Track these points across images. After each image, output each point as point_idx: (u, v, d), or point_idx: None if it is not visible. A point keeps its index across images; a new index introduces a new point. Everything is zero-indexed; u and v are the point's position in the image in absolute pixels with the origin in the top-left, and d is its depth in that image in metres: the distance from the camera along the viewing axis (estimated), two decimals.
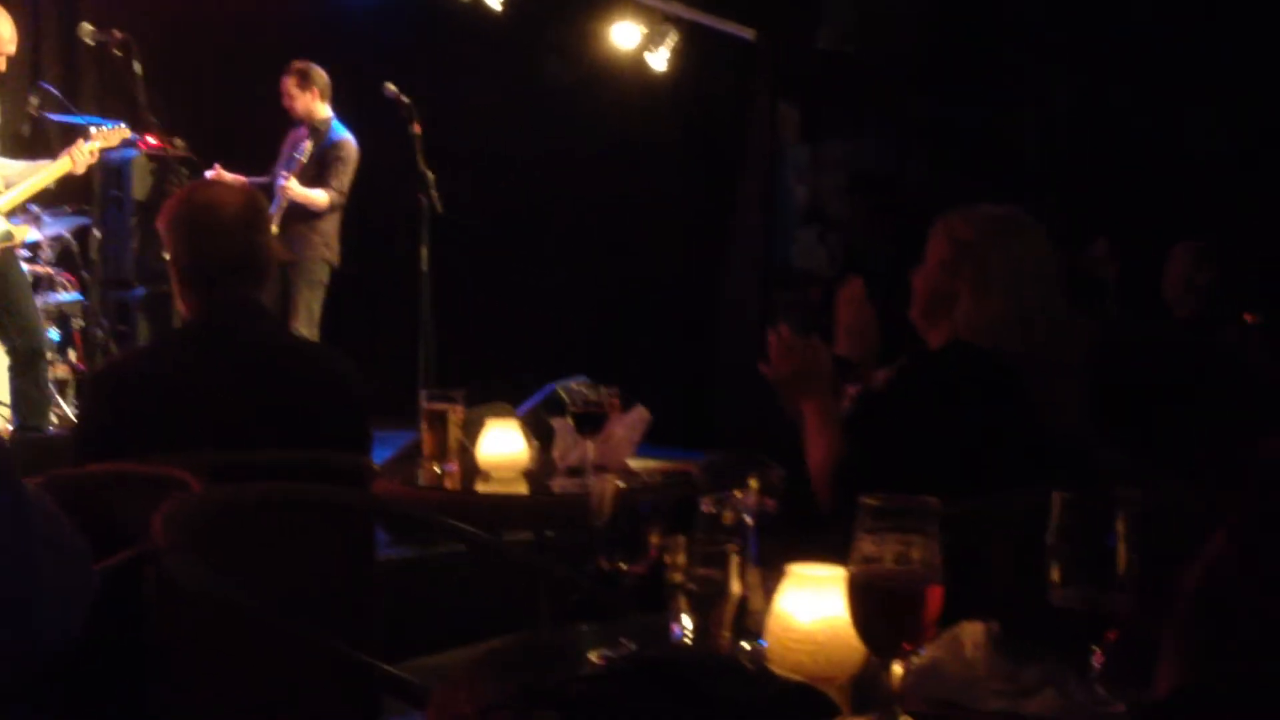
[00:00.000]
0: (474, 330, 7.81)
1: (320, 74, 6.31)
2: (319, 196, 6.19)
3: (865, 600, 1.26)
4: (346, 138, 6.29)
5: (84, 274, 6.30)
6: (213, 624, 1.70)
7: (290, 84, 6.26)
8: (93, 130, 5.49)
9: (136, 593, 1.68)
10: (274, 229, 6.07)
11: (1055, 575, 1.31)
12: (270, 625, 1.49)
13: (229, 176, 5.96)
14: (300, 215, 6.20)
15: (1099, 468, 2.46)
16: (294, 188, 6.12)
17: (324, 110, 6.33)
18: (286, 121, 6.65)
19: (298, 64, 6.29)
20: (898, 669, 1.25)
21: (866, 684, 1.33)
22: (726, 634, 1.45)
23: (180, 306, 2.76)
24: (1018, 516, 1.95)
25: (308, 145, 6.18)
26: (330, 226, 6.30)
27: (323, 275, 6.27)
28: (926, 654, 1.32)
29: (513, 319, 8.12)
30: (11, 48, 5.07)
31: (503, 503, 2.95)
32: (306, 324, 6.16)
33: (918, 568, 1.25)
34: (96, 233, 6.05)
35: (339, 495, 2.18)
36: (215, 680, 1.81)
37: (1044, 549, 1.33)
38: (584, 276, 7.90)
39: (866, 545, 1.27)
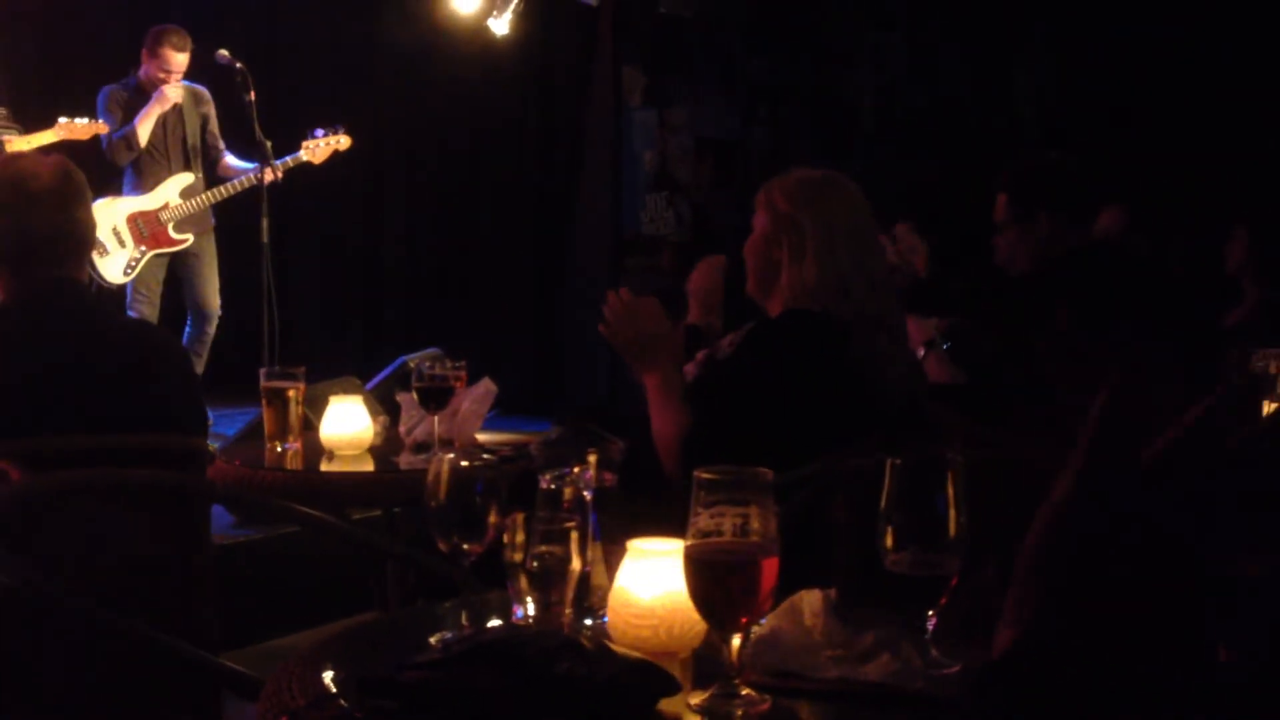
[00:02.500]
0: (320, 304, 7.66)
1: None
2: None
3: (701, 576, 1.26)
4: (203, 88, 6.11)
5: None
6: (36, 621, 1.62)
7: (178, 43, 5.94)
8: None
9: None
10: (206, 199, 5.92)
11: (889, 540, 1.33)
12: (91, 618, 1.43)
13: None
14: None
15: (932, 425, 2.52)
16: (230, 162, 5.98)
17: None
18: (105, 84, 6.30)
19: (171, 25, 6.02)
20: (736, 641, 1.25)
21: (708, 657, 1.34)
22: (569, 611, 1.44)
23: None
24: (853, 480, 1.99)
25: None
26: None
27: (213, 245, 6.11)
28: (766, 624, 1.33)
29: (360, 292, 7.98)
30: None
31: (347, 481, 2.89)
32: (217, 300, 6.01)
33: (754, 539, 1.25)
34: None
35: (168, 480, 2.10)
36: (42, 678, 1.74)
37: (876, 511, 1.35)
38: (431, 247, 7.80)
39: (703, 519, 1.27)
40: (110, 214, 5.97)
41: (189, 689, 1.89)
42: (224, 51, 6.07)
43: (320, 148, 6.01)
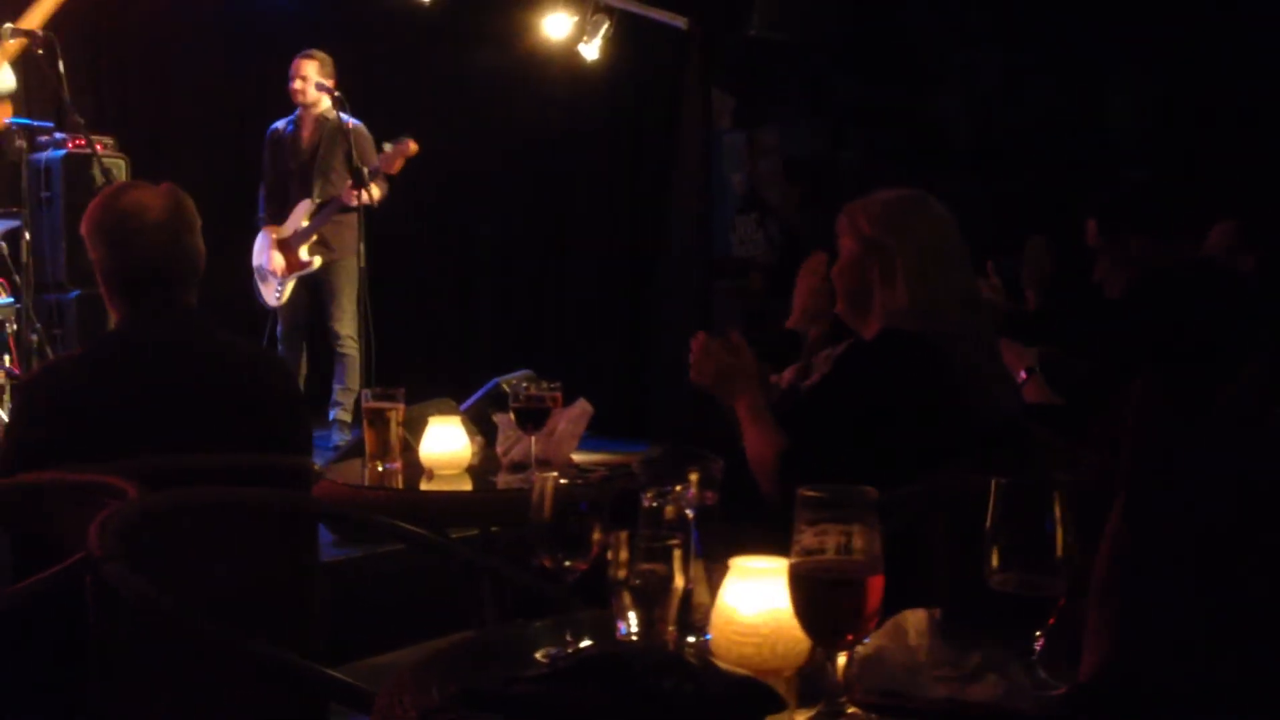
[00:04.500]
0: (415, 327, 7.77)
1: (333, 63, 6.23)
2: (376, 194, 6.16)
3: (807, 592, 1.27)
4: (359, 122, 6.23)
5: (15, 277, 6.18)
6: (154, 633, 1.67)
7: (310, 68, 6.13)
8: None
9: (76, 603, 1.66)
10: (312, 236, 6.08)
11: (994, 560, 1.33)
12: (210, 633, 1.47)
13: None
14: (333, 215, 6.18)
15: (1033, 444, 2.50)
16: (376, 192, 6.09)
17: (328, 101, 6.22)
18: (215, 116, 6.53)
19: (315, 50, 6.20)
20: (842, 659, 1.26)
21: (812, 675, 1.34)
22: (671, 629, 1.45)
23: (110, 312, 2.71)
24: (956, 500, 1.98)
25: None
26: (358, 221, 6.27)
27: (356, 271, 6.24)
28: (871, 643, 1.33)
29: (453, 314, 8.09)
30: None
31: (447, 500, 2.93)
32: (351, 322, 6.15)
33: (859, 558, 1.25)
34: (27, 235, 5.94)
35: (279, 498, 2.16)
36: (159, 691, 1.79)
37: (981, 531, 1.34)
38: (523, 271, 7.88)
39: (807, 537, 1.28)
40: (265, 241, 6.21)
41: (299, 702, 1.94)
42: (325, 81, 6.23)
43: (392, 158, 6.12)
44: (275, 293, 6.26)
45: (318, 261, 6.19)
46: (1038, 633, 1.32)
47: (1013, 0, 6.44)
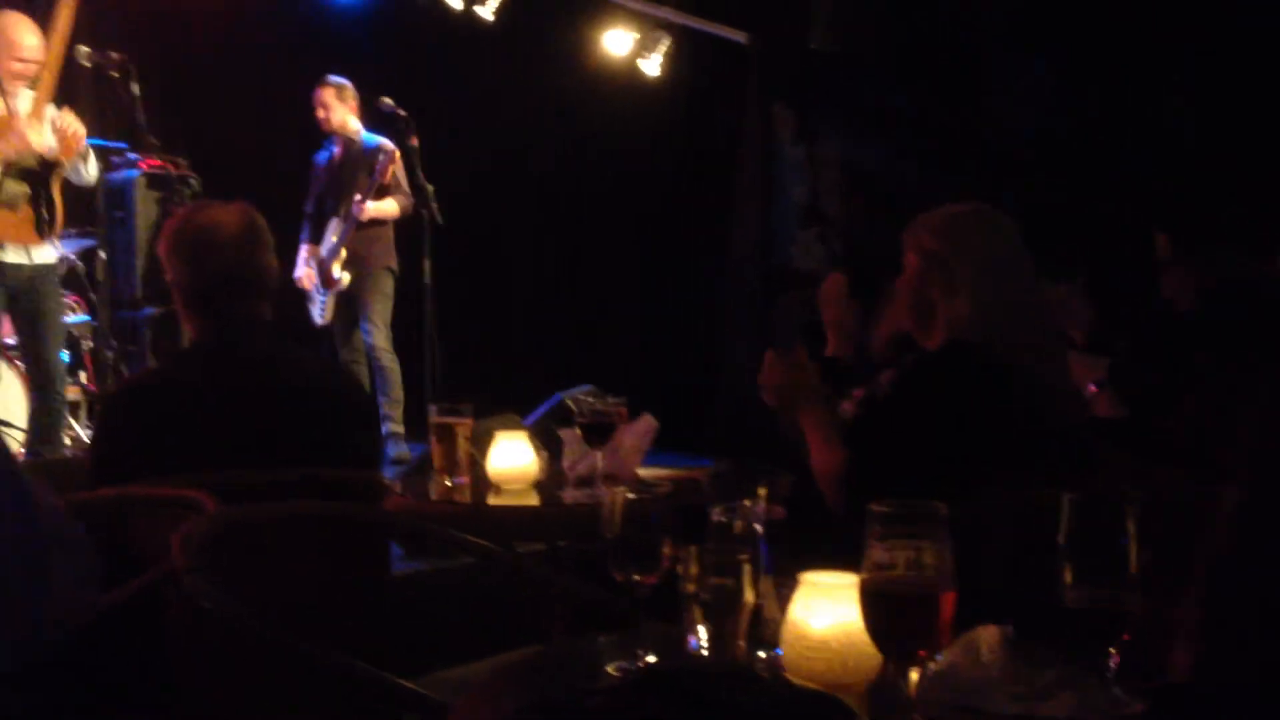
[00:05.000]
0: (478, 341, 7.83)
1: (352, 87, 6.40)
2: (389, 208, 6.33)
3: (879, 607, 1.27)
4: (384, 141, 6.36)
5: (91, 295, 6.32)
6: (232, 644, 1.71)
7: (328, 95, 6.33)
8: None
9: (157, 614, 1.70)
10: (342, 252, 6.21)
11: (1068, 576, 1.32)
12: (288, 645, 1.50)
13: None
14: (364, 229, 6.29)
15: (1100, 457, 2.49)
16: (370, 207, 6.24)
17: (355, 123, 6.39)
18: (280, 134, 6.66)
19: (331, 77, 6.36)
20: (914, 675, 1.26)
21: (884, 691, 1.35)
22: (742, 643, 1.46)
23: (186, 328, 2.78)
24: (1025, 514, 1.97)
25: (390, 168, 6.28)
26: (390, 235, 6.40)
27: (389, 285, 6.37)
28: (943, 659, 1.33)
29: (515, 329, 8.14)
30: (33, 54, 5.08)
31: (514, 515, 2.96)
32: (384, 336, 6.27)
33: (930, 573, 1.26)
34: (102, 254, 6.07)
35: (352, 511, 2.19)
36: (238, 701, 1.83)
37: (1054, 547, 1.34)
38: (584, 285, 7.92)
39: (877, 552, 1.28)
40: (302, 260, 6.36)
41: (374, 714, 1.97)
42: (387, 100, 6.34)
43: (383, 167, 6.25)
44: (319, 311, 6.37)
45: (346, 278, 6.30)
46: (1112, 649, 1.32)
47: (1076, 9, 6.38)
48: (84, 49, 5.53)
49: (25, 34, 5.08)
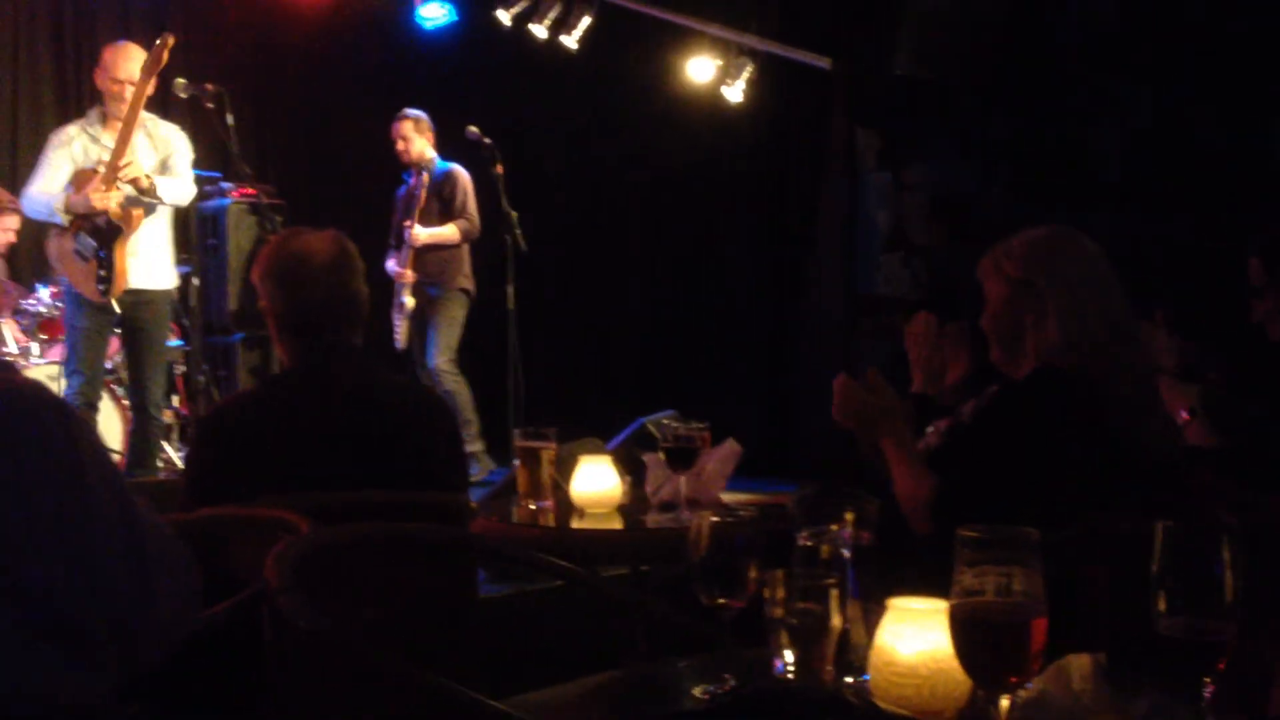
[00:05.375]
0: (561, 367, 7.88)
1: (428, 119, 6.53)
2: (448, 232, 6.46)
3: (970, 634, 1.26)
4: (454, 167, 6.49)
5: (184, 321, 6.47)
6: (326, 663, 1.74)
7: (406, 128, 6.48)
8: None
9: (253, 632, 1.73)
10: (408, 274, 6.31)
11: (1161, 604, 1.30)
12: (383, 664, 1.53)
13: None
14: (432, 253, 6.38)
15: (1192, 482, 2.44)
16: (419, 232, 6.35)
17: (431, 152, 6.52)
18: (369, 162, 6.80)
19: (409, 110, 6.49)
20: (1005, 703, 1.25)
21: (974, 718, 1.34)
22: (829, 668, 1.46)
23: (279, 352, 2.84)
24: (1116, 542, 1.94)
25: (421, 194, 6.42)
26: (463, 257, 6.50)
27: (459, 308, 6.46)
28: (1034, 687, 1.32)
29: (597, 353, 8.18)
30: (124, 76, 5.22)
31: (598, 538, 2.97)
32: (447, 358, 6.36)
33: (1020, 599, 1.25)
34: (196, 280, 6.22)
35: (441, 534, 2.22)
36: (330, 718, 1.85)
37: (1148, 575, 1.32)
38: (667, 310, 7.94)
39: (967, 578, 1.27)
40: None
41: None
42: (474, 128, 6.44)
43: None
44: (396, 337, 6.48)
45: (410, 302, 6.40)
46: (1206, 679, 1.29)
47: (1165, 31, 6.29)
48: (181, 81, 5.68)
49: (127, 60, 5.26)
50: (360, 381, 2.68)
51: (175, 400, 6.65)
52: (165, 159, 5.37)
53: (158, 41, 5.14)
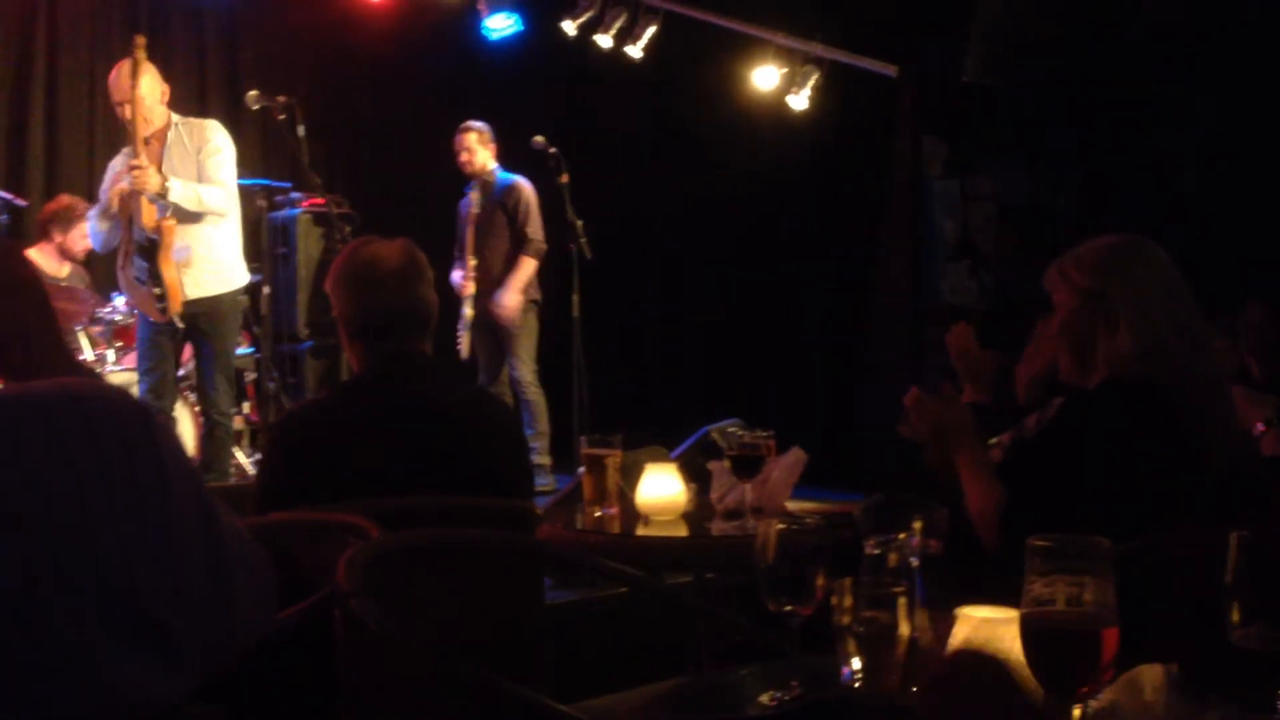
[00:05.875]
0: (624, 375, 7.91)
1: (490, 130, 6.58)
2: (526, 271, 6.45)
3: (1041, 643, 1.26)
4: (518, 179, 6.51)
5: (255, 329, 6.57)
6: (397, 666, 1.76)
7: (470, 140, 6.51)
8: None
9: (323, 636, 1.76)
10: (470, 286, 6.36)
11: (1235, 615, 1.29)
12: (455, 668, 1.54)
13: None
14: (501, 267, 6.46)
15: (1269, 495, 2.40)
16: (509, 304, 6.39)
17: (494, 163, 6.56)
18: (436, 172, 6.86)
19: (472, 122, 6.53)
20: (1076, 713, 1.24)
21: None
22: (897, 677, 1.46)
23: (349, 359, 2.88)
24: (1189, 553, 1.92)
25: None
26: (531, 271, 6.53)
27: (533, 319, 6.48)
28: (1105, 697, 1.31)
29: (660, 362, 8.20)
30: (120, 97, 5.15)
31: (663, 545, 2.98)
32: (529, 369, 6.40)
33: (1091, 609, 1.24)
34: (266, 289, 6.31)
35: (509, 540, 2.24)
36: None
37: (1221, 585, 1.31)
38: (731, 319, 7.93)
39: (1037, 587, 1.27)
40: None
41: None
42: (539, 138, 6.48)
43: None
44: (459, 348, 6.51)
45: (470, 314, 6.44)
46: None
47: (1236, 37, 6.20)
48: (253, 93, 5.78)
49: (117, 81, 5.19)
50: (427, 388, 2.71)
51: (245, 407, 6.75)
52: (201, 159, 5.30)
53: (133, 45, 5.09)
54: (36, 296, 1.20)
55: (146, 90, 5.12)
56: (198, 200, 5.19)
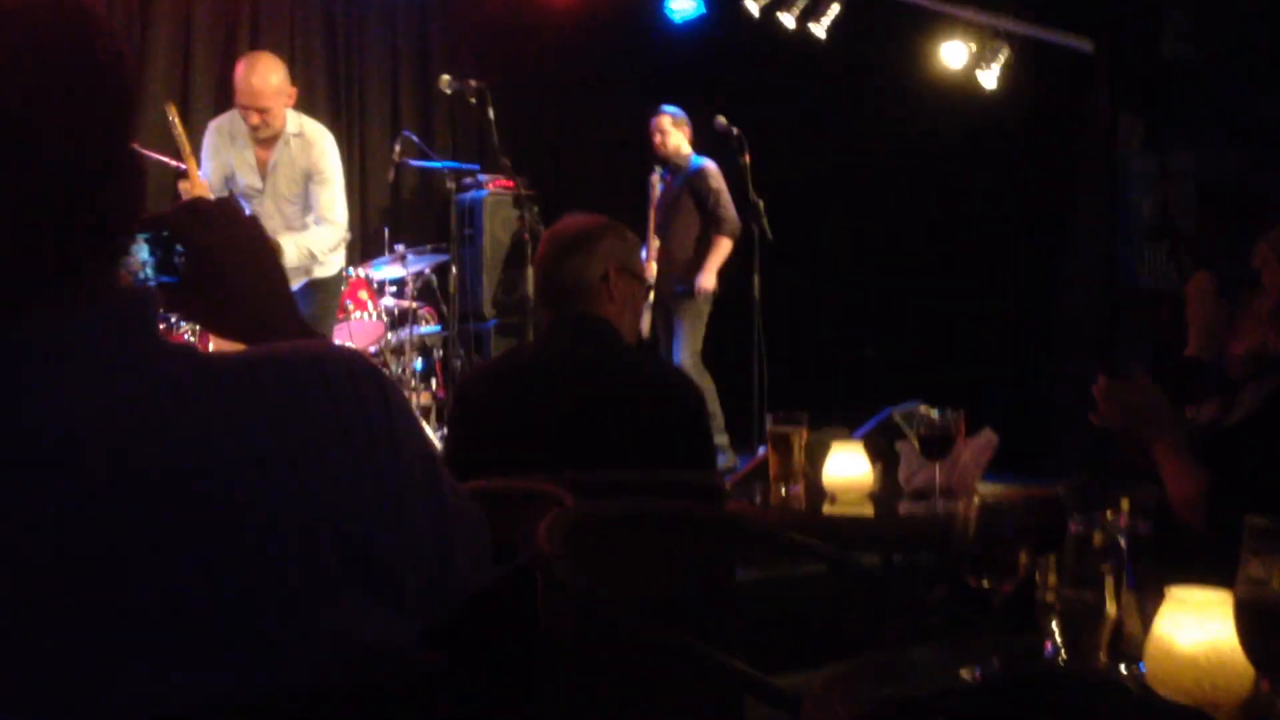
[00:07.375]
0: (805, 356, 7.87)
1: (686, 116, 6.62)
2: (722, 252, 6.44)
3: (1255, 623, 1.23)
4: (707, 163, 6.53)
5: (443, 307, 6.77)
6: (598, 630, 1.81)
7: (665, 122, 6.58)
8: None
9: (528, 598, 1.81)
10: (651, 268, 6.44)
11: None
12: (651, 632, 1.58)
13: None
14: (681, 250, 6.49)
15: None
16: (707, 283, 6.39)
17: (688, 149, 6.61)
18: (622, 157, 6.95)
19: (668, 106, 6.60)
20: None
21: (1258, 709, 1.29)
22: (1102, 656, 1.44)
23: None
24: None
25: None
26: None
27: (705, 306, 6.50)
28: None
29: (841, 342, 8.12)
30: (264, 100, 5.07)
31: (851, 524, 2.97)
32: (690, 355, 6.44)
33: None
34: (453, 269, 6.49)
35: (706, 513, 2.26)
36: (601, 685, 1.92)
37: None
38: (915, 301, 7.81)
39: (1253, 566, 1.24)
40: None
41: (722, 705, 2.04)
42: (721, 119, 6.51)
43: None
44: (640, 326, 6.57)
45: (650, 296, 6.46)
46: None
47: None
48: (445, 78, 5.93)
49: (244, 77, 5.10)
50: (604, 357, 2.74)
51: (433, 384, 6.96)
52: (313, 188, 5.25)
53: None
54: (277, 261, 1.28)
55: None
56: (309, 255, 5.20)
